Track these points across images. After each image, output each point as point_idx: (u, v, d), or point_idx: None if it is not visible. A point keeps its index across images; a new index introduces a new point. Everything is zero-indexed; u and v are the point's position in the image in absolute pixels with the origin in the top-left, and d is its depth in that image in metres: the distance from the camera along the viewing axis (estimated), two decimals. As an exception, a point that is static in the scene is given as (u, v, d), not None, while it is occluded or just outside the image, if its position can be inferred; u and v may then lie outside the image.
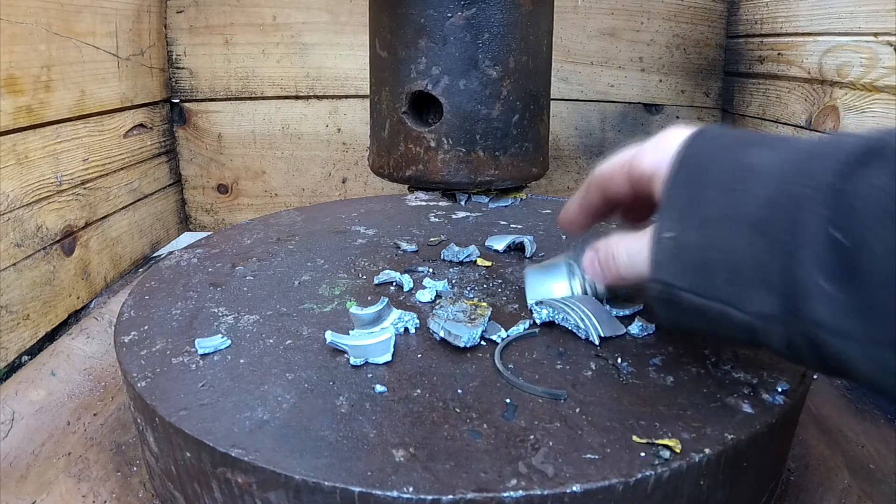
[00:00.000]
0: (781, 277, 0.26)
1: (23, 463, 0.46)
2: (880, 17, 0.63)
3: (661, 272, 0.31)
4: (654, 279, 0.31)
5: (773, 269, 0.26)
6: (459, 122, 0.67)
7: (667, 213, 0.31)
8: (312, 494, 0.29)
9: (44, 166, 0.65)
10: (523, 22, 0.66)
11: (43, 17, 0.65)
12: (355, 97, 0.98)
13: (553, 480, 0.28)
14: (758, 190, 0.28)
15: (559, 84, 0.97)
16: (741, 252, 0.28)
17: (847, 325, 0.25)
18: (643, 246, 0.32)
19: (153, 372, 0.38)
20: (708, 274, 0.29)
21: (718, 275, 0.28)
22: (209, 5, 0.93)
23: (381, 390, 0.35)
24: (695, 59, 0.97)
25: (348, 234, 0.62)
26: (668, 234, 0.30)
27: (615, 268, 0.35)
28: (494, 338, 0.40)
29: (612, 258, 0.36)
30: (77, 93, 0.71)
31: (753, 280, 0.27)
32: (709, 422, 0.32)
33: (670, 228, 0.30)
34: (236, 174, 1.01)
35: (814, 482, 0.43)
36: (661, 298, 0.31)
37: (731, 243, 0.28)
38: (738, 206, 0.28)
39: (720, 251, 0.28)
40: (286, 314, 0.45)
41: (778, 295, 0.26)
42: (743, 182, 0.28)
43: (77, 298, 0.71)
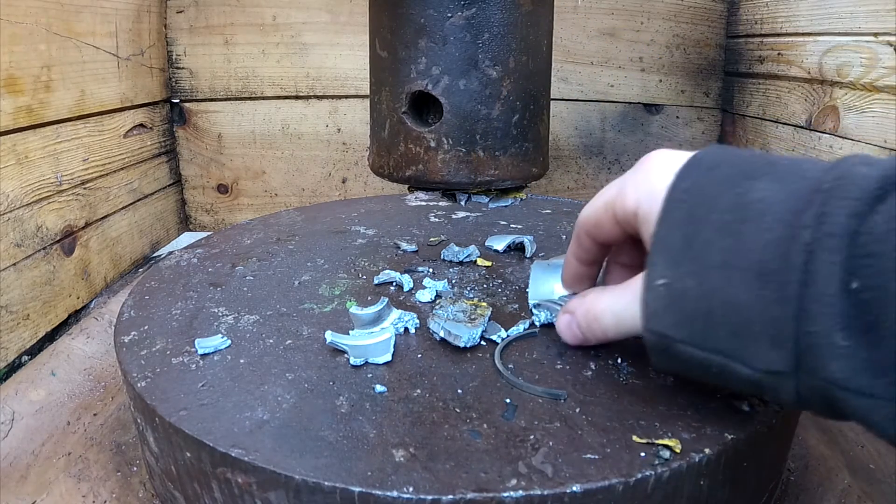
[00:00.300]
0: (792, 333, 0.24)
1: (23, 463, 0.46)
2: (880, 17, 0.63)
3: (655, 322, 0.28)
4: (648, 329, 0.29)
5: (782, 324, 0.24)
6: (459, 122, 0.67)
7: (659, 257, 0.28)
8: (312, 494, 0.29)
9: (44, 166, 0.65)
10: (523, 22, 0.66)
11: (43, 17, 0.65)
12: (355, 97, 0.98)
13: (553, 480, 0.28)
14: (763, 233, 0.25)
15: (559, 84, 0.97)
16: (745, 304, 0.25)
17: (867, 384, 0.22)
18: (628, 301, 0.30)
19: (153, 372, 0.38)
20: (708, 325, 0.26)
21: (720, 327, 0.26)
22: (209, 5, 0.93)
23: (381, 390, 0.35)
24: (695, 59, 0.97)
25: (348, 234, 0.62)
26: (661, 281, 0.28)
27: (600, 330, 0.33)
28: (494, 338, 0.40)
29: (594, 320, 0.33)
30: (77, 93, 0.71)
31: (760, 334, 0.25)
32: (709, 422, 0.32)
33: (663, 275, 0.28)
34: (236, 174, 1.01)
35: (814, 482, 0.43)
36: (656, 350, 0.29)
37: (733, 294, 0.25)
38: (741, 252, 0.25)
39: (721, 302, 0.26)
40: (286, 314, 0.45)
41: (788, 351, 0.24)
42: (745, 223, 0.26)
43: (77, 298, 0.71)
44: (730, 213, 0.26)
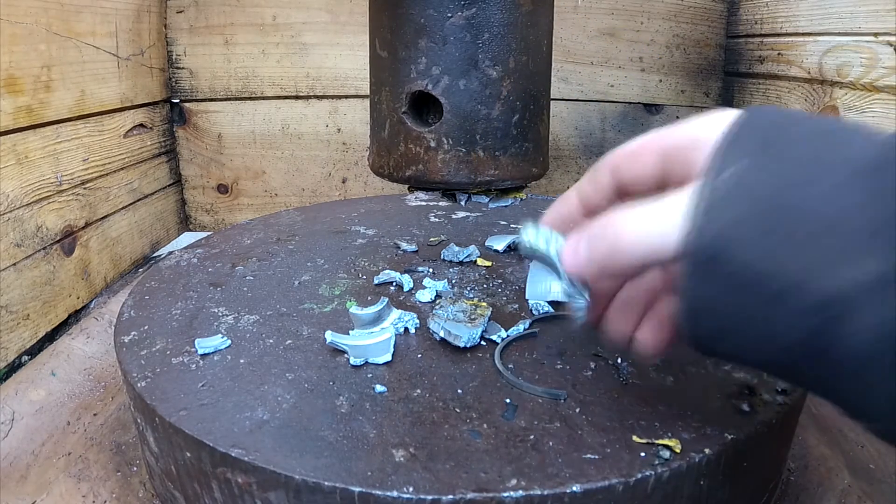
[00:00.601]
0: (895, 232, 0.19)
1: (23, 463, 0.46)
2: (880, 17, 0.63)
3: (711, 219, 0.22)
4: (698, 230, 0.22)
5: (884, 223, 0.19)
6: (459, 122, 0.67)
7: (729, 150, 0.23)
8: (312, 494, 0.29)
9: (44, 166, 0.65)
10: (523, 22, 0.66)
11: (43, 17, 0.65)
12: (355, 97, 0.98)
13: (553, 480, 0.28)
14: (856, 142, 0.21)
15: (559, 84, 0.97)
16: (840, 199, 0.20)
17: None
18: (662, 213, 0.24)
19: (153, 372, 0.38)
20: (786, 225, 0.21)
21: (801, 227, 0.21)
22: (209, 5, 0.93)
23: (381, 390, 0.35)
24: (695, 59, 0.97)
25: (348, 234, 0.62)
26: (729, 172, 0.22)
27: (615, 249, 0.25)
28: (494, 338, 0.40)
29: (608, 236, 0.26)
30: (77, 93, 0.71)
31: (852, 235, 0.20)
32: (709, 422, 0.32)
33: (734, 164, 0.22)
34: (236, 174, 1.01)
35: (814, 482, 0.43)
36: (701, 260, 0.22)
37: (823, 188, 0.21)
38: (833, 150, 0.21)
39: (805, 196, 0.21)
40: (286, 314, 0.45)
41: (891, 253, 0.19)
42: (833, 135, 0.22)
43: (77, 298, 0.71)
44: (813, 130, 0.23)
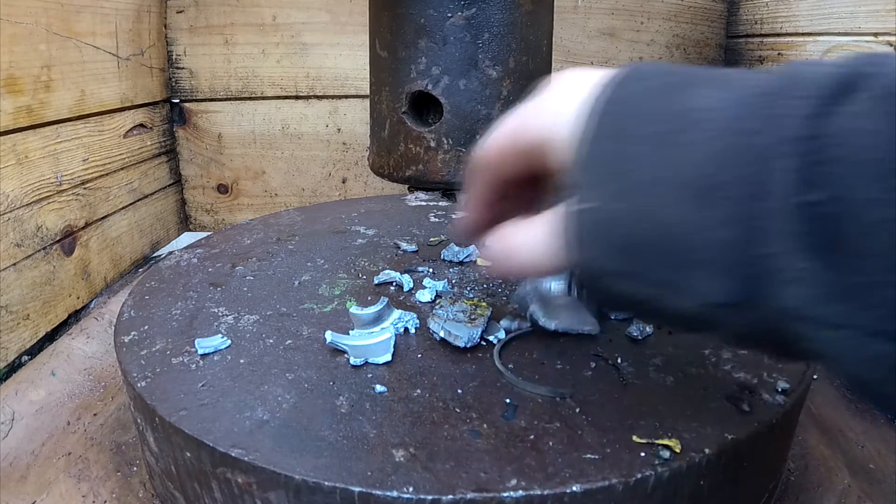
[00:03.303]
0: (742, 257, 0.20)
1: (23, 463, 0.46)
2: (880, 17, 0.63)
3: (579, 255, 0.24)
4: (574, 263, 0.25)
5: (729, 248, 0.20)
6: (459, 122, 0.67)
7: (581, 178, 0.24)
8: (312, 494, 0.29)
9: (44, 166, 0.65)
10: (523, 22, 0.66)
11: (43, 17, 0.65)
12: (355, 97, 0.98)
13: (553, 480, 0.28)
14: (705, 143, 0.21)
15: (559, 84, 0.97)
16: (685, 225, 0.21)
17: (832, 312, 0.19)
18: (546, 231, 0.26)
19: (153, 372, 0.38)
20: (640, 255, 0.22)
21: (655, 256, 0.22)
22: (209, 5, 0.93)
23: (381, 390, 0.35)
24: (695, 59, 0.97)
25: (348, 234, 0.62)
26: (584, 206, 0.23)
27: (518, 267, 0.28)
28: (492, 338, 0.40)
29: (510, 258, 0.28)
30: (77, 93, 0.71)
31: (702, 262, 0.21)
32: (709, 422, 0.32)
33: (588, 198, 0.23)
34: (236, 174, 1.01)
35: (814, 482, 0.43)
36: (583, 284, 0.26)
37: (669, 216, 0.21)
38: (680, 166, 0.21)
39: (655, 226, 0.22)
40: (286, 314, 0.45)
41: (737, 279, 0.20)
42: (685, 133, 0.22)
43: (77, 298, 0.71)
44: (665, 124, 0.22)
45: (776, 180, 0.19)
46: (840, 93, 0.19)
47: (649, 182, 0.22)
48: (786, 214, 0.19)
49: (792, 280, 0.19)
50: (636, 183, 0.22)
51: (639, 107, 0.23)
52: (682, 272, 0.22)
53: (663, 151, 0.22)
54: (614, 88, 0.24)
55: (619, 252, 0.23)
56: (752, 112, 0.20)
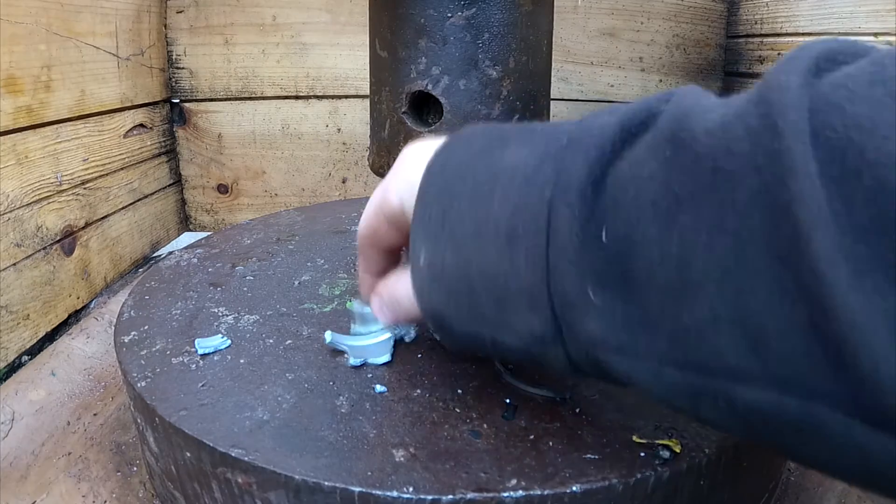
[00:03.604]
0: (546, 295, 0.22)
1: (23, 463, 0.46)
2: (880, 17, 0.63)
3: (423, 301, 0.28)
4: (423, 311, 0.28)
5: (535, 288, 0.23)
6: (459, 122, 0.67)
7: (417, 235, 0.27)
8: (312, 494, 0.29)
9: (44, 166, 0.65)
10: (523, 22, 0.67)
11: (43, 17, 0.65)
12: (355, 97, 0.98)
13: (553, 480, 0.28)
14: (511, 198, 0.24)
15: (559, 84, 0.97)
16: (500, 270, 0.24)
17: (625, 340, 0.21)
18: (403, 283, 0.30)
19: (153, 372, 0.38)
20: (470, 299, 0.25)
21: (482, 299, 0.25)
22: (209, 5, 0.93)
23: (381, 390, 0.35)
24: (695, 59, 0.97)
25: (348, 234, 0.62)
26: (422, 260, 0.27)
27: (403, 312, 0.32)
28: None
29: (396, 303, 0.32)
30: (77, 93, 0.71)
31: (518, 302, 0.23)
32: (709, 422, 0.32)
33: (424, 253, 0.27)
34: (236, 174, 1.01)
35: (814, 482, 0.43)
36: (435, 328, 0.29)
37: (487, 263, 0.24)
38: (491, 219, 0.24)
39: (478, 272, 0.24)
40: (286, 314, 0.45)
41: (546, 314, 0.23)
42: (494, 190, 0.24)
43: (77, 298, 0.71)
44: (482, 181, 0.25)
45: (562, 225, 0.21)
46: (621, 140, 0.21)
47: (471, 234, 0.25)
48: (573, 254, 0.21)
49: (589, 313, 0.21)
50: (461, 236, 0.25)
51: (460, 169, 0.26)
52: (506, 311, 0.24)
53: (479, 207, 0.24)
54: (441, 154, 0.28)
55: (454, 297, 0.26)
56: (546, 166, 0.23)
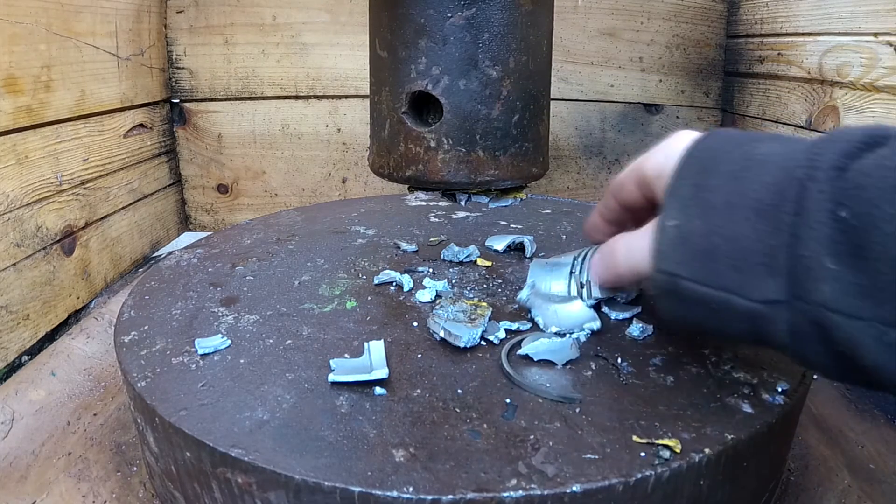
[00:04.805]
0: (786, 260, 0.26)
1: (23, 463, 0.46)
2: (880, 17, 0.63)
3: (663, 262, 0.30)
4: (657, 269, 0.31)
5: (777, 253, 0.26)
6: (459, 122, 0.67)
7: (671, 202, 0.30)
8: (312, 494, 0.29)
9: (44, 166, 0.65)
10: (523, 22, 0.66)
11: (43, 17, 0.65)
12: (355, 97, 0.98)
13: (553, 480, 0.28)
14: (763, 177, 0.28)
15: (559, 84, 0.97)
16: (745, 237, 0.27)
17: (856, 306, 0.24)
18: (642, 241, 0.32)
19: (153, 372, 0.38)
20: (712, 261, 0.28)
21: (722, 262, 0.28)
22: (209, 5, 0.93)
23: (380, 391, 0.35)
24: (695, 59, 0.97)
25: (348, 234, 0.62)
26: (671, 223, 0.30)
27: (613, 265, 0.35)
28: (492, 338, 0.40)
29: (611, 254, 0.36)
30: (77, 93, 0.71)
31: (758, 265, 0.27)
32: (709, 422, 0.32)
33: (674, 217, 0.30)
34: (236, 174, 1.01)
35: (814, 482, 0.43)
36: (663, 290, 0.30)
37: (735, 229, 0.28)
38: (743, 193, 0.28)
39: (724, 238, 0.28)
40: (286, 314, 0.45)
41: (784, 278, 0.26)
42: (749, 171, 0.28)
43: (77, 298, 0.71)
44: (736, 164, 0.29)
45: (811, 199, 0.25)
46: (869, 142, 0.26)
47: (721, 206, 0.28)
48: (818, 225, 0.25)
49: (823, 278, 0.25)
50: (711, 206, 0.29)
51: (716, 154, 0.30)
52: (743, 274, 0.27)
53: (732, 184, 0.29)
54: (701, 141, 0.32)
55: (694, 258, 0.29)
56: (798, 155, 0.27)
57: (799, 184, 0.26)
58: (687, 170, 0.31)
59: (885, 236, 0.23)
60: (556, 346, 0.38)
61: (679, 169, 0.31)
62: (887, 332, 0.23)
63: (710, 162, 0.30)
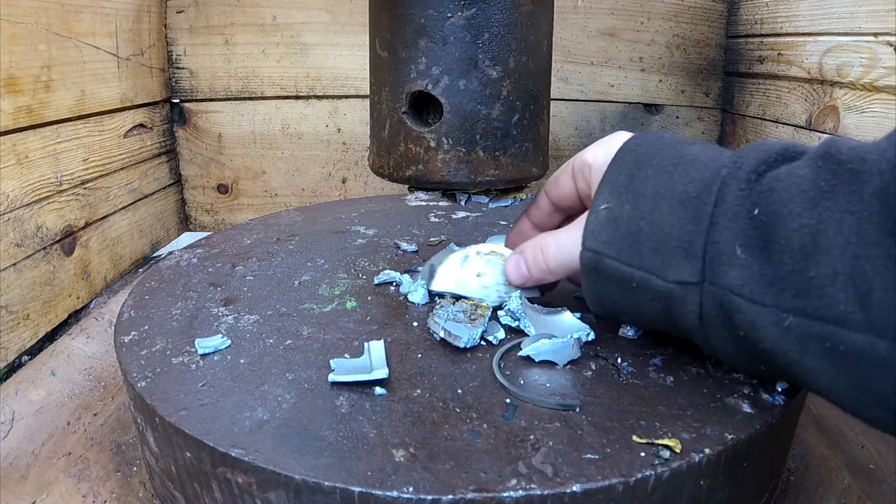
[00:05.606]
0: (702, 246, 0.29)
1: (23, 463, 0.46)
2: (880, 17, 0.63)
3: (592, 240, 0.33)
4: (585, 247, 0.33)
5: (696, 238, 0.29)
6: (459, 122, 0.67)
7: (605, 188, 0.33)
8: (312, 494, 0.29)
9: (44, 166, 0.65)
10: (523, 22, 0.66)
11: (43, 17, 0.65)
12: (355, 97, 0.98)
13: (553, 480, 0.28)
14: (691, 173, 0.31)
15: (559, 84, 0.97)
16: (668, 224, 0.30)
17: (759, 293, 0.27)
18: (574, 235, 0.35)
19: (153, 372, 0.38)
20: (636, 243, 0.31)
21: (645, 244, 0.31)
22: (209, 5, 0.93)
23: (380, 391, 0.35)
24: (695, 59, 0.97)
25: (348, 234, 0.62)
26: (604, 206, 0.33)
27: (543, 261, 0.37)
28: (491, 338, 0.40)
29: (540, 252, 0.38)
30: (77, 93, 0.71)
31: (677, 249, 0.30)
32: (709, 422, 0.32)
33: (607, 201, 0.33)
34: (236, 174, 1.01)
35: (814, 482, 0.43)
36: (588, 267, 0.33)
37: (660, 216, 0.31)
38: (672, 185, 0.31)
39: (650, 222, 0.31)
40: (286, 314, 0.45)
41: (698, 262, 0.29)
42: (678, 167, 0.32)
43: (77, 298, 0.71)
44: (668, 161, 0.32)
45: (731, 194, 0.29)
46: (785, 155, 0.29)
47: (651, 194, 0.32)
48: (733, 217, 0.28)
49: (732, 264, 0.28)
50: (641, 194, 0.32)
51: (651, 150, 0.33)
52: (663, 256, 0.30)
53: (662, 176, 0.32)
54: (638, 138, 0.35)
55: (621, 239, 0.32)
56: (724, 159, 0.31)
57: (722, 181, 0.29)
58: (623, 161, 0.34)
59: (789, 232, 0.26)
60: (558, 346, 0.38)
61: (616, 160, 0.34)
62: (785, 317, 0.26)
63: (645, 156, 0.33)
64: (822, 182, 0.26)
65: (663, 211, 0.31)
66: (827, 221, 0.25)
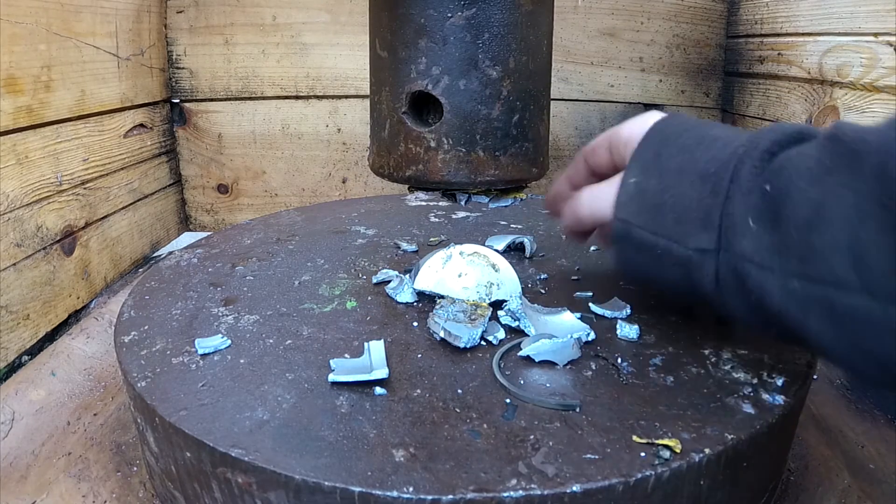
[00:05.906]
0: (718, 216, 0.32)
1: (23, 463, 0.46)
2: (880, 17, 0.63)
3: (622, 210, 0.36)
4: (616, 217, 0.36)
5: (713, 211, 0.32)
6: (459, 122, 0.67)
7: (634, 163, 0.37)
8: (312, 494, 0.29)
9: (44, 166, 0.65)
10: (523, 22, 0.66)
11: (43, 17, 0.65)
12: (355, 97, 0.98)
13: (553, 480, 0.28)
14: (711, 151, 0.34)
15: (559, 84, 0.97)
16: (689, 197, 0.33)
17: (767, 259, 0.29)
18: (608, 190, 0.38)
19: (153, 372, 0.38)
20: (660, 214, 0.34)
21: (668, 215, 0.34)
22: (209, 5, 0.93)
23: (380, 391, 0.35)
24: (695, 59, 0.97)
25: (348, 234, 0.62)
26: (632, 180, 0.36)
27: (577, 209, 0.40)
28: (491, 338, 0.40)
29: (577, 201, 0.40)
30: (77, 93, 0.71)
31: (696, 219, 0.33)
32: (709, 422, 0.32)
33: (635, 175, 0.36)
34: (236, 174, 1.01)
35: (814, 482, 0.43)
36: (618, 235, 0.36)
37: (682, 189, 0.34)
38: (694, 162, 0.34)
39: (673, 195, 0.34)
40: (286, 314, 0.45)
41: (714, 231, 0.32)
42: (700, 146, 0.34)
43: (77, 298, 0.71)
44: (692, 140, 0.35)
45: (745, 171, 0.31)
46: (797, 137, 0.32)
47: (674, 170, 0.35)
48: (747, 192, 0.31)
49: (745, 234, 0.30)
50: (666, 169, 0.35)
51: (677, 130, 0.36)
52: (684, 226, 0.33)
53: (685, 154, 0.35)
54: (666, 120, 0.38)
55: (647, 210, 0.35)
56: (741, 139, 0.33)
57: (738, 159, 0.32)
58: (651, 139, 0.37)
59: (795, 205, 0.28)
60: (558, 346, 0.38)
61: (645, 138, 0.37)
62: (791, 281, 0.29)
63: (672, 136, 0.36)
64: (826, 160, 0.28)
65: (685, 185, 0.33)
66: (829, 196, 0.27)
